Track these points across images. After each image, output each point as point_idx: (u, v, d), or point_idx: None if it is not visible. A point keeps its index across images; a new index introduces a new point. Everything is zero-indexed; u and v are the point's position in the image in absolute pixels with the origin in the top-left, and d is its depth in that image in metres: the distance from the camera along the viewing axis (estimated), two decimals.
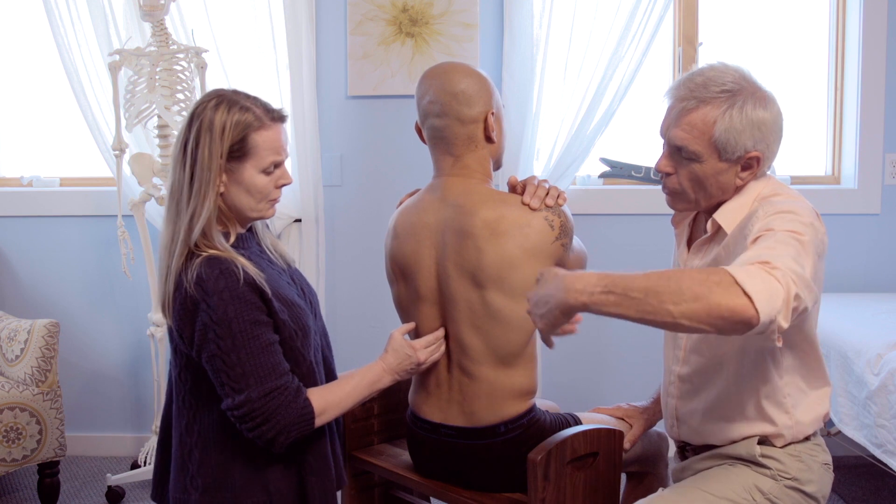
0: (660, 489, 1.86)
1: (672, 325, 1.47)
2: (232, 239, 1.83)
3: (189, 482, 1.83)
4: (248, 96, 1.82)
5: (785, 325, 1.45)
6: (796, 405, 1.82)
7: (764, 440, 1.83)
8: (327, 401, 1.79)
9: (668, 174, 1.83)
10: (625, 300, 1.47)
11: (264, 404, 1.71)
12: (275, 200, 1.86)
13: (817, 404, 1.86)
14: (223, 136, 1.75)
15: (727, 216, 1.79)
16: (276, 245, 1.95)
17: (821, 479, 1.85)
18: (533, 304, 1.59)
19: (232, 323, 1.71)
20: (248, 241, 1.88)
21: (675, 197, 1.86)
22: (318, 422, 1.77)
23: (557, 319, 1.54)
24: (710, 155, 1.75)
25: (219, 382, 1.74)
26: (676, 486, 1.85)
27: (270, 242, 1.95)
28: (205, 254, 1.76)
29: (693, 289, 1.42)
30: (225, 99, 1.79)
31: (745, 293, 1.40)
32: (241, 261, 1.77)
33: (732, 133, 1.72)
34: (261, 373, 1.72)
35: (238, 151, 1.77)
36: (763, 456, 1.82)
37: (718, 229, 1.82)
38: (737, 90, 1.73)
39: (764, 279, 1.43)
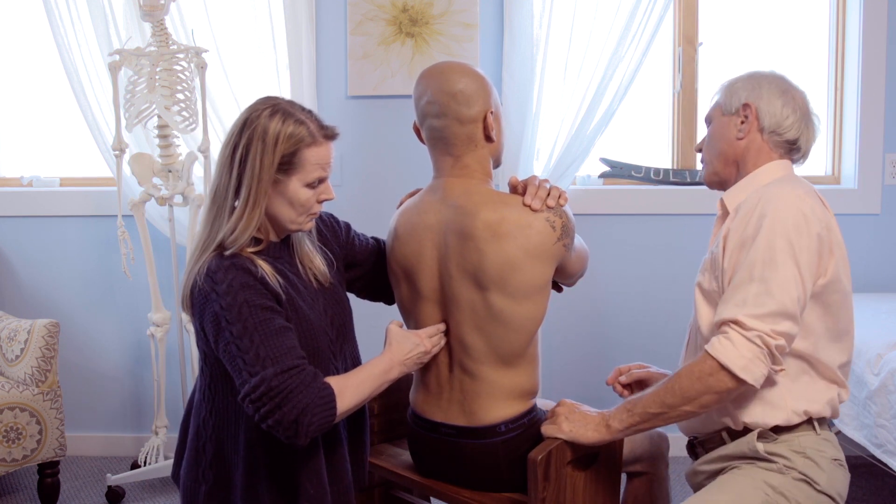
0: None
1: (698, 414, 1.78)
2: (262, 246, 1.81)
3: (201, 474, 1.85)
4: (302, 109, 1.80)
5: (778, 366, 1.73)
6: (781, 391, 1.81)
7: (763, 434, 1.83)
8: (344, 384, 1.75)
9: (699, 151, 2.05)
10: (653, 419, 1.78)
11: (281, 382, 1.65)
12: (314, 214, 1.84)
13: (813, 395, 1.83)
14: (276, 147, 1.73)
15: (732, 197, 1.92)
16: (311, 263, 1.90)
17: (831, 475, 1.83)
18: (567, 412, 1.87)
19: (242, 307, 1.69)
20: (281, 252, 1.86)
21: (704, 168, 2.03)
22: (340, 406, 1.71)
23: (589, 440, 1.84)
24: (717, 115, 1.98)
25: (236, 370, 1.69)
26: (687, 501, 1.83)
27: (305, 259, 1.90)
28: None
29: (694, 387, 1.72)
30: (280, 109, 1.77)
31: (733, 373, 1.69)
32: (260, 262, 1.76)
33: (732, 89, 1.96)
34: (276, 354, 1.67)
35: (287, 164, 1.76)
36: (768, 452, 1.82)
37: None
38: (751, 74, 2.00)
39: (741, 349, 1.69)
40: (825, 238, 1.78)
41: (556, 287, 2.08)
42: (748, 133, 1.92)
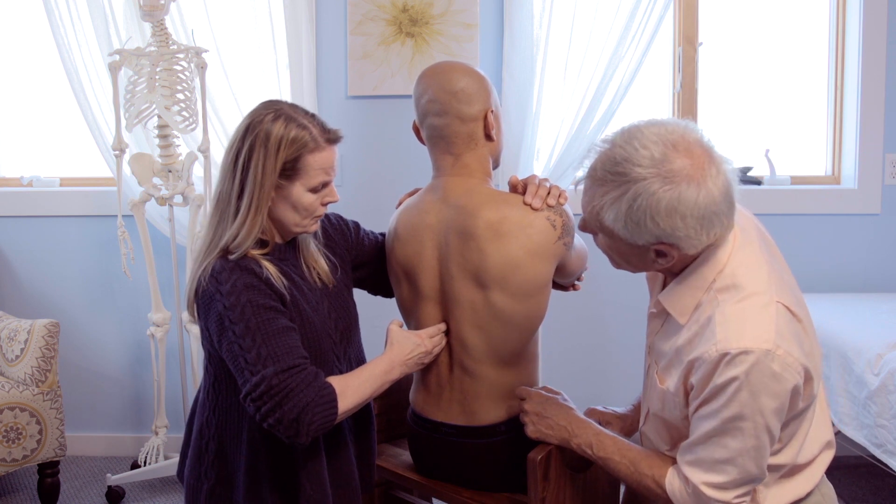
0: None
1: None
2: (268, 248, 1.81)
3: (203, 473, 1.86)
4: (305, 113, 1.79)
5: None
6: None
7: None
8: (346, 384, 1.74)
9: (585, 231, 1.67)
10: (604, 467, 1.74)
11: (282, 380, 1.65)
12: (319, 217, 1.84)
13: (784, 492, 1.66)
14: (278, 152, 1.72)
15: (674, 303, 1.62)
16: (316, 264, 1.90)
17: None
18: (535, 412, 1.82)
19: (245, 307, 1.69)
20: (286, 254, 1.85)
21: (615, 266, 1.69)
22: (341, 405, 1.71)
23: (550, 441, 1.81)
24: (611, 236, 1.57)
25: (238, 370, 1.69)
26: None
27: (311, 260, 1.89)
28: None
29: (651, 490, 1.66)
30: (283, 114, 1.75)
31: None
32: (266, 263, 1.76)
33: (623, 223, 1.52)
34: (277, 353, 1.67)
35: (290, 170, 1.75)
36: None
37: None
38: (639, 177, 1.48)
39: None
40: (801, 383, 1.52)
41: (561, 286, 2.07)
42: (666, 263, 1.58)
